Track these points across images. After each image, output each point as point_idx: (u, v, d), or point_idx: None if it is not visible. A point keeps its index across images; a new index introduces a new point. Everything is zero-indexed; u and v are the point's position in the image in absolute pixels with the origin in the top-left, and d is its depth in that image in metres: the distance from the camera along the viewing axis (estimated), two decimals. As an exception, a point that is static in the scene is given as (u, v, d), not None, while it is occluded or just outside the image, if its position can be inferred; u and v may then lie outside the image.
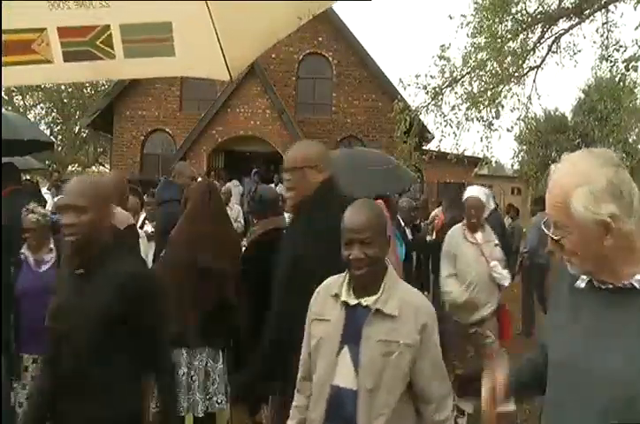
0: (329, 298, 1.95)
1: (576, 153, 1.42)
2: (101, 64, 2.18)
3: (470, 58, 9.91)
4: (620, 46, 8.41)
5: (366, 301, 1.87)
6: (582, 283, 1.42)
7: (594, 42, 9.17)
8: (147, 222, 5.73)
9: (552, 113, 23.27)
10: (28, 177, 8.64)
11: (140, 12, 2.08)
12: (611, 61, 8.62)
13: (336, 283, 1.96)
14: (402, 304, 1.87)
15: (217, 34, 2.15)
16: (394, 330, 1.84)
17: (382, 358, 1.82)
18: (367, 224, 1.86)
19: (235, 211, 8.93)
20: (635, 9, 7.12)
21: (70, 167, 25.07)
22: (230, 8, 2.06)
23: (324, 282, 2.02)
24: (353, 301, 1.89)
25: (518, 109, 10.22)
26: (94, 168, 24.70)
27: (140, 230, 4.78)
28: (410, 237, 5.87)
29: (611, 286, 1.35)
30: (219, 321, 3.01)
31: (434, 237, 6.06)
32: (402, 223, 6.17)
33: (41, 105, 27.10)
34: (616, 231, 1.28)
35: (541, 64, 9.86)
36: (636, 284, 1.32)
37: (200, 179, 5.71)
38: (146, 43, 2.16)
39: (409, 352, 1.84)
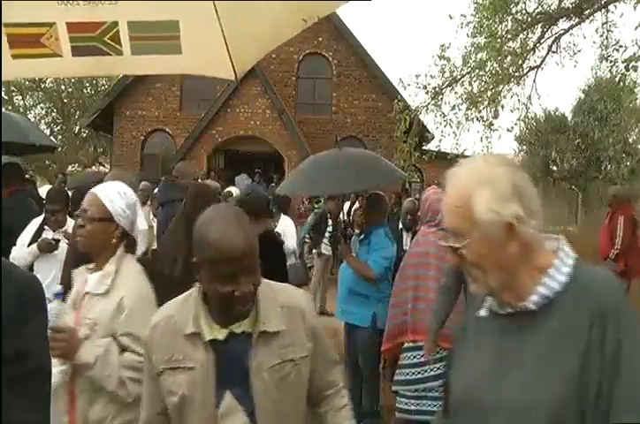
0: (180, 339, 1.51)
1: (473, 157, 1.35)
2: (108, 59, 2.21)
3: (470, 58, 9.93)
4: (620, 46, 8.43)
5: (240, 327, 1.51)
6: (483, 312, 1.34)
7: (594, 42, 9.20)
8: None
9: (552, 113, 23.23)
10: (27, 177, 8.64)
11: (148, 10, 2.12)
12: (611, 61, 8.63)
13: (183, 318, 1.52)
14: (286, 312, 1.56)
15: (223, 33, 2.16)
16: (285, 347, 1.53)
17: (278, 386, 1.51)
18: (244, 246, 1.43)
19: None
20: (635, 9, 7.13)
21: (70, 167, 25.06)
22: (237, 8, 2.08)
23: (158, 318, 1.59)
24: (222, 334, 1.50)
25: (518, 109, 10.26)
26: (94, 168, 24.68)
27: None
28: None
29: (510, 310, 1.26)
30: None
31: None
32: (400, 225, 6.16)
33: (41, 105, 27.08)
34: (520, 235, 1.21)
35: (541, 64, 9.88)
36: (531, 306, 1.23)
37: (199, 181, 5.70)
38: (153, 41, 2.19)
39: (306, 363, 1.58)
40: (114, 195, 2.12)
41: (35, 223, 4.08)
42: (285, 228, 6.19)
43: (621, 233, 6.54)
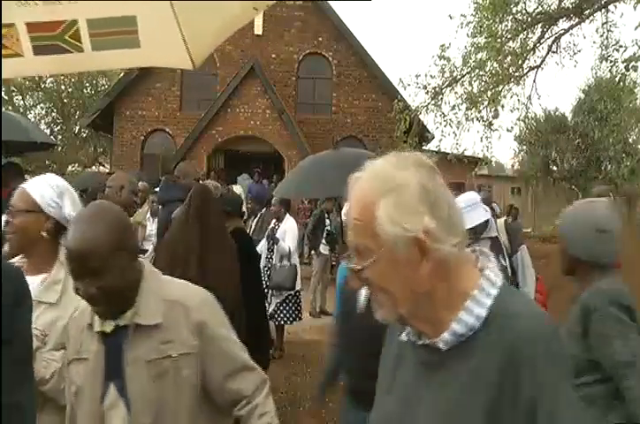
0: (84, 329, 1.57)
1: (381, 158, 1.08)
2: (70, 57, 2.25)
3: (470, 58, 9.94)
4: (620, 46, 8.44)
5: (123, 320, 1.51)
6: (403, 336, 1.12)
7: (594, 42, 9.20)
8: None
9: (552, 113, 23.24)
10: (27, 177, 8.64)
11: (106, 7, 2.17)
12: (611, 61, 8.64)
13: (89, 311, 1.55)
14: (166, 306, 1.53)
15: (179, 25, 2.23)
16: (165, 343, 1.50)
17: (156, 382, 1.48)
18: (86, 248, 1.41)
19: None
20: (635, 9, 7.14)
21: (70, 167, 25.07)
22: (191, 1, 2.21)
23: (76, 310, 1.64)
24: (109, 327, 1.52)
25: (518, 109, 10.26)
26: (94, 168, 24.69)
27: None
28: None
29: (426, 341, 1.06)
30: None
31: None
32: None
33: (41, 105, 27.09)
34: (433, 253, 0.99)
35: (541, 64, 9.89)
36: (441, 345, 1.03)
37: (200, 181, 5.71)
38: (112, 36, 2.24)
39: (189, 362, 1.52)
40: (43, 186, 1.99)
41: None
42: (288, 229, 6.20)
43: None
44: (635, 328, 1.88)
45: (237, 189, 11.90)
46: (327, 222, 9.23)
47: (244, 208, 5.52)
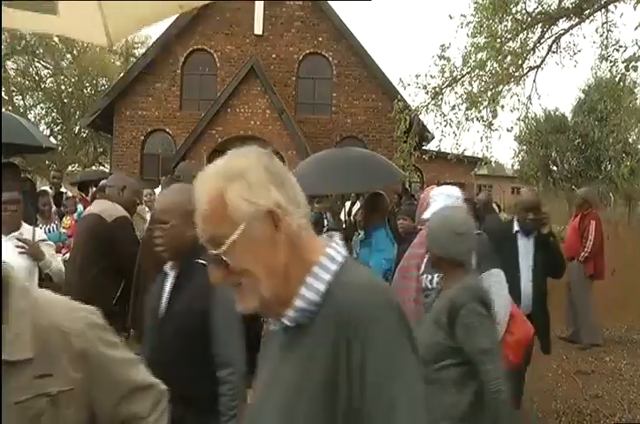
0: None
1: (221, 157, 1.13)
2: None
3: (470, 58, 9.93)
4: (620, 46, 8.43)
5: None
6: (272, 325, 1.14)
7: (594, 42, 9.19)
8: None
9: (552, 113, 23.23)
10: (27, 177, 8.67)
11: None
12: (611, 61, 8.64)
13: None
14: (41, 336, 1.23)
15: (100, 3, 2.29)
16: (40, 378, 1.22)
17: None
18: None
19: None
20: (635, 9, 7.13)
21: (70, 167, 25.09)
22: None
23: None
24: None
25: (518, 109, 10.25)
26: (94, 168, 24.71)
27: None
28: None
29: (280, 324, 1.09)
30: None
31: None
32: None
33: (41, 105, 27.12)
34: (286, 227, 1.04)
35: (541, 64, 9.88)
36: (287, 322, 1.07)
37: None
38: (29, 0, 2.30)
39: (71, 399, 1.26)
40: None
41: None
42: None
43: (592, 238, 6.77)
44: (492, 320, 2.32)
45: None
46: (325, 222, 9.26)
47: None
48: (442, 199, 3.26)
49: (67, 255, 4.61)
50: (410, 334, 1.07)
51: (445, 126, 10.46)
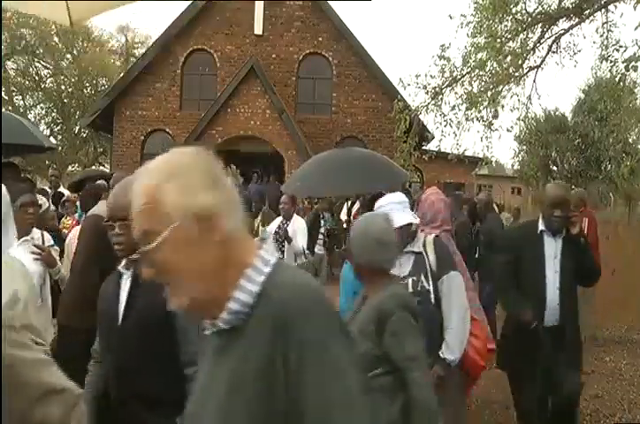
0: None
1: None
2: None
3: (470, 58, 9.93)
4: (620, 46, 8.43)
5: None
6: (207, 330, 1.13)
7: (594, 42, 9.19)
8: None
9: (552, 113, 23.26)
10: (27, 177, 8.67)
11: None
12: (611, 61, 8.63)
13: None
14: None
15: None
16: None
17: None
18: None
19: None
20: (635, 9, 7.13)
21: (70, 167, 25.10)
22: None
23: None
24: None
25: (518, 109, 10.25)
26: (93, 168, 24.72)
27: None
28: None
29: (215, 327, 1.09)
30: None
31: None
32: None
33: (41, 105, 27.12)
34: (219, 229, 1.04)
35: (541, 64, 9.88)
36: (221, 324, 1.07)
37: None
38: None
39: None
40: None
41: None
42: (297, 228, 6.19)
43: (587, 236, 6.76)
44: (417, 328, 2.29)
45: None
46: (322, 222, 9.27)
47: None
48: (393, 207, 3.01)
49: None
50: (345, 330, 1.09)
51: (445, 126, 10.46)
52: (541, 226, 3.61)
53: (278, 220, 6.43)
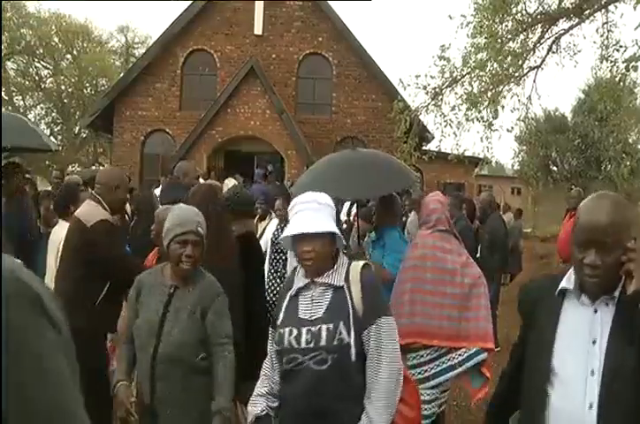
0: None
1: None
2: None
3: (470, 59, 9.93)
4: (621, 46, 8.44)
5: None
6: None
7: (594, 42, 9.20)
8: None
9: (552, 113, 23.28)
10: (28, 177, 8.66)
11: None
12: (611, 61, 8.65)
13: None
14: None
15: None
16: None
17: None
18: None
19: None
20: (635, 9, 7.13)
21: (70, 167, 25.08)
22: None
23: None
24: None
25: (518, 109, 10.25)
26: (93, 168, 24.72)
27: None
28: None
29: None
30: None
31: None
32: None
33: (41, 105, 27.11)
34: None
35: (541, 64, 9.88)
36: None
37: (202, 181, 5.68)
38: None
39: None
40: None
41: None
42: None
43: None
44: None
45: (230, 182, 11.81)
46: None
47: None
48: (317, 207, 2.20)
49: None
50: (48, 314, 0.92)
51: (445, 127, 10.46)
52: (564, 282, 1.71)
53: (275, 222, 6.35)
